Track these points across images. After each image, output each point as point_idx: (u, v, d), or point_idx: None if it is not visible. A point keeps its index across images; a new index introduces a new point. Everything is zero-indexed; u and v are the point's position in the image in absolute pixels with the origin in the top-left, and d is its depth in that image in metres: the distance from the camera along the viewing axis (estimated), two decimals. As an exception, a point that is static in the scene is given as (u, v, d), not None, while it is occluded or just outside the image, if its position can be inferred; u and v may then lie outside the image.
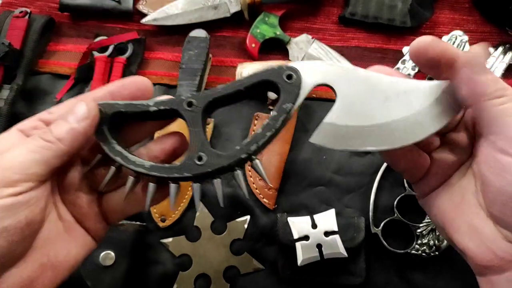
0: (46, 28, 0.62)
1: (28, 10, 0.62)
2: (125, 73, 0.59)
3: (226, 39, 0.63)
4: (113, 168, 0.33)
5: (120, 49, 0.61)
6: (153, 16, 0.62)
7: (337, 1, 0.65)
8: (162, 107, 0.32)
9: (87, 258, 0.35)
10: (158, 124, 0.36)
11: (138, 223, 0.51)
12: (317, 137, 0.31)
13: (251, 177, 0.54)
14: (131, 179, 0.32)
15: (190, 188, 0.53)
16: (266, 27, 0.61)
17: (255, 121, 0.56)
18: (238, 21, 0.63)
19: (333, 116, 0.31)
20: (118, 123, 0.34)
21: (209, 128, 0.56)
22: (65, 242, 0.32)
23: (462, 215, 0.31)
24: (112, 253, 0.48)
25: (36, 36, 0.60)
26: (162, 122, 0.36)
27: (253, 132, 0.42)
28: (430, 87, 0.31)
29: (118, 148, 0.32)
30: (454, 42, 0.59)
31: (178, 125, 0.35)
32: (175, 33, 0.63)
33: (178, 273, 0.51)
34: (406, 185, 0.52)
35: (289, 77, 0.31)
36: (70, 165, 0.33)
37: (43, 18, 0.62)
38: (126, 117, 0.33)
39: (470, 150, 0.33)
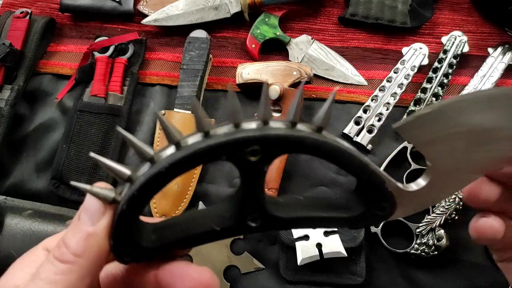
0: (47, 29, 0.62)
1: (29, 11, 0.62)
2: (126, 73, 0.60)
3: (227, 40, 0.63)
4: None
5: (121, 50, 0.61)
6: (154, 16, 0.62)
7: (337, 2, 0.65)
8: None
9: None
10: None
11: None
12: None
13: (251, 177, 0.54)
14: None
15: (190, 188, 0.53)
16: (266, 27, 0.61)
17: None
18: (239, 22, 0.63)
19: None
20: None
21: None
22: None
23: None
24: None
25: (37, 37, 0.60)
26: None
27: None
28: None
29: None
30: (453, 43, 0.59)
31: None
32: (176, 34, 0.63)
33: (179, 272, 0.51)
34: (404, 182, 0.52)
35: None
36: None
37: (44, 19, 0.62)
38: None
39: None
